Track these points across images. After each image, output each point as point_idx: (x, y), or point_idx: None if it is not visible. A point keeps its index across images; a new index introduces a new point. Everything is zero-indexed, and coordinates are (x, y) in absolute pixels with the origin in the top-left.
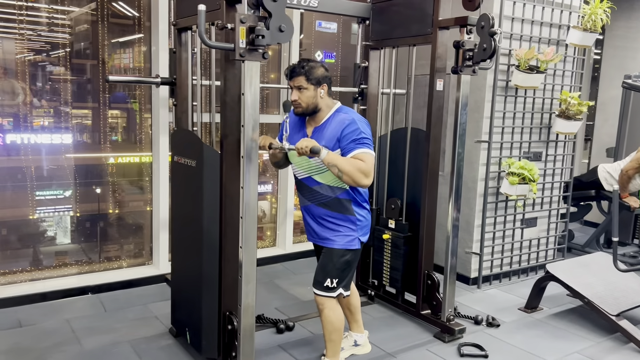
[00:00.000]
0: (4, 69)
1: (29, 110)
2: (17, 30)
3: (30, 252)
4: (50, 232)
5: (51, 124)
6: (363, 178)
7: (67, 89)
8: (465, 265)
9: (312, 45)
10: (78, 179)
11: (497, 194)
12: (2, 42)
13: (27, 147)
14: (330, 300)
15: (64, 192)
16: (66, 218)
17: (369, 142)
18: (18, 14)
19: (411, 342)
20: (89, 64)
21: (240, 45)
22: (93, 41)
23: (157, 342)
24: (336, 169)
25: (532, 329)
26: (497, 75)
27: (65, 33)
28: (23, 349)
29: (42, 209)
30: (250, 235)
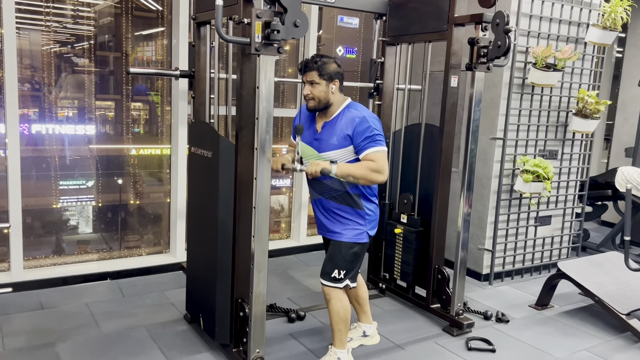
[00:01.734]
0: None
1: (54, 101)
2: (44, 22)
3: (53, 239)
4: (73, 221)
5: (75, 115)
6: (378, 176)
7: (92, 81)
8: (477, 262)
9: (333, 41)
10: (100, 170)
11: (511, 192)
12: (29, 34)
13: (51, 137)
14: (336, 291)
15: (87, 182)
16: (88, 207)
17: (380, 138)
18: (45, 6)
19: (420, 335)
20: (112, 56)
21: (256, 39)
22: (117, 34)
23: (172, 328)
24: (351, 177)
25: (541, 325)
26: (514, 73)
27: (90, 26)
28: (45, 330)
29: (66, 199)
30: (262, 225)
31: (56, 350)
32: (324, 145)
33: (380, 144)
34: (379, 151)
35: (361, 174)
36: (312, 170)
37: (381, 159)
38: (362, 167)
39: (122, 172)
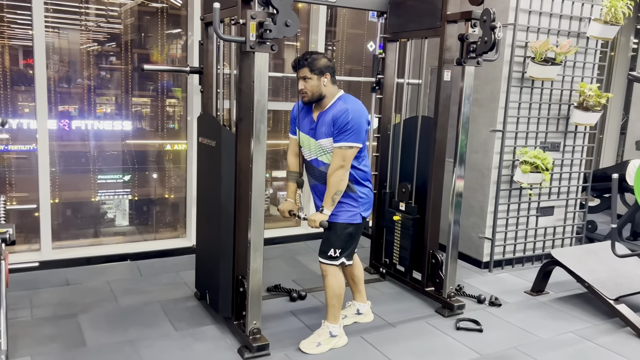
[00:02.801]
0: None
1: (92, 98)
2: (81, 22)
3: (85, 224)
4: (103, 210)
5: (113, 111)
6: (342, 172)
7: (128, 78)
8: (478, 250)
9: (364, 36)
10: (129, 164)
11: (511, 182)
12: (67, 34)
13: (90, 132)
14: (332, 268)
15: (122, 176)
16: (119, 198)
17: (351, 133)
18: (84, 7)
19: (413, 315)
20: (145, 54)
21: (251, 38)
22: (152, 33)
23: (183, 304)
24: (336, 196)
25: (533, 309)
26: (513, 67)
27: (126, 25)
28: (69, 303)
29: (103, 192)
30: (258, 207)
31: (78, 320)
32: (318, 133)
33: (344, 140)
34: (340, 147)
35: (334, 187)
36: (312, 225)
37: (339, 155)
38: (329, 183)
39: (149, 166)
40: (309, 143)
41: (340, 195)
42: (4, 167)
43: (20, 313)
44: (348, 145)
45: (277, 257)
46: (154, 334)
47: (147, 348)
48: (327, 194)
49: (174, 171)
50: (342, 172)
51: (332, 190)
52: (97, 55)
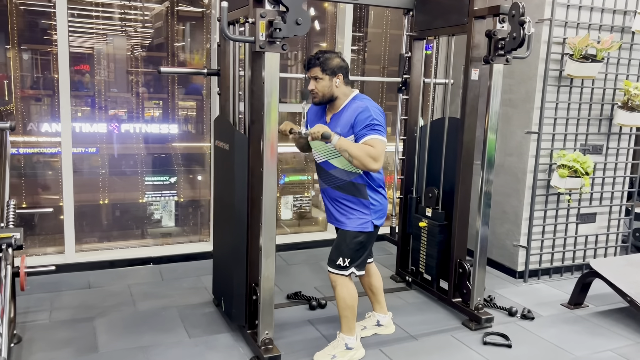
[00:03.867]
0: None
1: (140, 102)
2: (126, 28)
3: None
4: (151, 212)
5: (160, 115)
6: (372, 162)
7: (175, 83)
8: (512, 258)
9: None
10: (180, 166)
11: (548, 187)
12: (113, 40)
13: (138, 136)
14: (342, 278)
15: (169, 179)
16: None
17: (380, 128)
18: (133, 13)
19: (437, 328)
20: (191, 58)
21: (260, 37)
22: (198, 39)
23: (200, 309)
24: (347, 153)
25: (569, 324)
26: (549, 65)
27: (173, 30)
28: (88, 306)
29: (151, 193)
30: (269, 213)
31: (94, 324)
32: None
33: (379, 133)
34: (377, 139)
35: (357, 154)
36: (314, 131)
37: (379, 147)
38: (361, 148)
39: (193, 168)
40: (320, 145)
41: (347, 157)
42: (54, 169)
43: (39, 316)
44: (382, 139)
45: (302, 262)
46: (167, 341)
47: (158, 355)
48: (350, 144)
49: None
50: (373, 164)
51: (354, 149)
52: (145, 60)
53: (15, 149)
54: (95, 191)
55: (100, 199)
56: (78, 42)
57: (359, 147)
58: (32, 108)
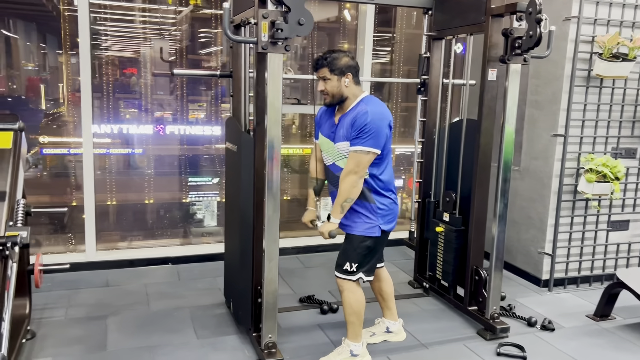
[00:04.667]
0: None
1: (185, 104)
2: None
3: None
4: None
5: (203, 117)
6: (355, 178)
7: (217, 86)
8: (537, 266)
9: None
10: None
11: (575, 193)
12: (160, 43)
13: (182, 137)
14: (349, 283)
15: (211, 179)
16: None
17: (367, 136)
18: (175, 18)
19: (451, 336)
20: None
21: (263, 38)
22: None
23: (212, 311)
24: (346, 203)
25: (592, 337)
26: (576, 65)
27: (216, 35)
28: (104, 304)
29: (194, 194)
30: (272, 216)
31: (106, 322)
32: (337, 136)
33: (360, 144)
34: (358, 150)
35: (345, 194)
36: (324, 237)
37: (353, 159)
38: (341, 191)
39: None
40: (329, 147)
41: (351, 203)
42: (104, 169)
43: (56, 312)
44: (365, 150)
45: (319, 265)
46: (175, 341)
47: (164, 355)
48: (337, 201)
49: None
50: (355, 178)
51: (341, 198)
52: (190, 63)
53: (67, 150)
54: (140, 191)
55: (146, 198)
56: (125, 46)
57: (340, 193)
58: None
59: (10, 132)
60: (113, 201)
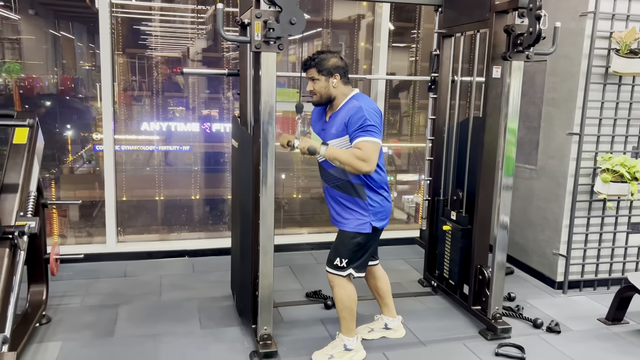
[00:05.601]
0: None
1: (232, 102)
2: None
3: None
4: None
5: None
6: (363, 165)
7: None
8: (552, 267)
9: None
10: None
11: (591, 193)
12: (204, 43)
13: (229, 135)
14: (339, 279)
15: None
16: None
17: (373, 129)
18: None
19: (452, 335)
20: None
21: (256, 38)
22: None
23: (219, 303)
24: (337, 162)
25: (600, 341)
26: (592, 61)
27: None
28: (119, 294)
29: None
30: (267, 211)
31: (117, 311)
32: (328, 135)
33: (371, 134)
34: (367, 140)
35: (346, 160)
36: (301, 147)
37: (368, 148)
38: (348, 153)
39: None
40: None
41: (339, 165)
42: (153, 166)
43: (73, 300)
44: (374, 140)
45: None
46: (179, 330)
47: (167, 344)
48: (339, 151)
49: (302, 171)
50: (364, 166)
51: (342, 156)
52: (234, 61)
53: (118, 146)
54: (187, 187)
55: (192, 194)
56: (172, 46)
57: (348, 154)
58: (133, 108)
59: (26, 128)
60: (161, 197)
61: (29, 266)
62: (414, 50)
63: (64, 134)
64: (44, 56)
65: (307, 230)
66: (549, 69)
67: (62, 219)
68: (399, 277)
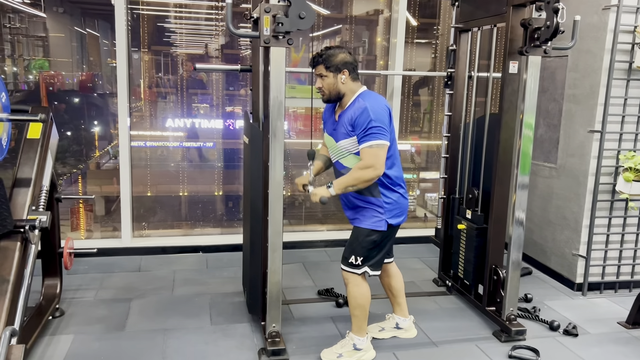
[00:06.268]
0: None
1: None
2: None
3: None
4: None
5: None
6: (370, 172)
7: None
8: (571, 269)
9: None
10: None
11: (614, 192)
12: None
13: None
14: (354, 276)
15: None
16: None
17: (376, 130)
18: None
19: (465, 336)
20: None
21: (265, 32)
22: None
23: (230, 298)
24: (350, 188)
25: (618, 345)
26: (615, 56)
27: None
28: (132, 288)
29: None
30: (275, 207)
31: (130, 305)
32: (339, 135)
33: (374, 137)
34: (369, 146)
35: (355, 181)
36: (313, 200)
37: (370, 155)
38: (352, 174)
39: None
40: (332, 144)
41: (354, 189)
42: (177, 162)
43: (87, 293)
44: (378, 143)
45: None
46: (189, 325)
47: (176, 339)
48: (344, 179)
49: None
50: (372, 174)
51: (350, 181)
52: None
53: (143, 142)
54: (210, 183)
55: (215, 190)
56: (197, 43)
57: (353, 175)
58: (158, 105)
59: (40, 123)
60: (185, 192)
61: (43, 260)
62: (435, 46)
63: (91, 130)
64: (71, 53)
65: (325, 228)
66: (570, 65)
67: (88, 214)
68: (414, 276)
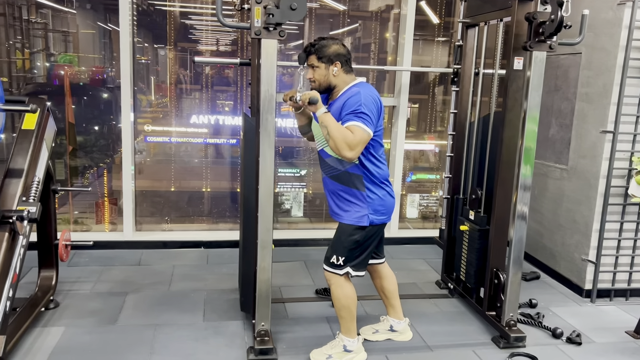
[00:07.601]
0: None
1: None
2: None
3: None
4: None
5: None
6: (346, 149)
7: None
8: (580, 274)
9: None
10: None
11: (626, 196)
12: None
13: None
14: (336, 277)
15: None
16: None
17: (366, 117)
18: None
19: (462, 341)
20: None
21: (256, 24)
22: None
23: (226, 295)
24: (326, 130)
25: (624, 355)
26: (630, 54)
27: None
28: (129, 282)
29: (282, 184)
30: (265, 204)
31: (125, 299)
32: None
33: (363, 121)
34: (359, 126)
35: (334, 135)
36: (302, 97)
37: (357, 135)
38: (340, 130)
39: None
40: (318, 132)
41: (331, 137)
42: (202, 158)
43: (84, 286)
44: (364, 127)
45: None
46: (181, 321)
47: (166, 334)
48: (332, 121)
49: None
50: (347, 149)
51: (333, 128)
52: (282, 54)
53: (168, 138)
54: (234, 179)
55: (238, 186)
56: (222, 40)
57: (340, 129)
58: (183, 101)
59: (36, 114)
60: (207, 188)
61: (39, 251)
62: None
63: (118, 125)
64: (97, 49)
65: (326, 226)
66: (584, 62)
67: (112, 207)
68: (417, 277)
